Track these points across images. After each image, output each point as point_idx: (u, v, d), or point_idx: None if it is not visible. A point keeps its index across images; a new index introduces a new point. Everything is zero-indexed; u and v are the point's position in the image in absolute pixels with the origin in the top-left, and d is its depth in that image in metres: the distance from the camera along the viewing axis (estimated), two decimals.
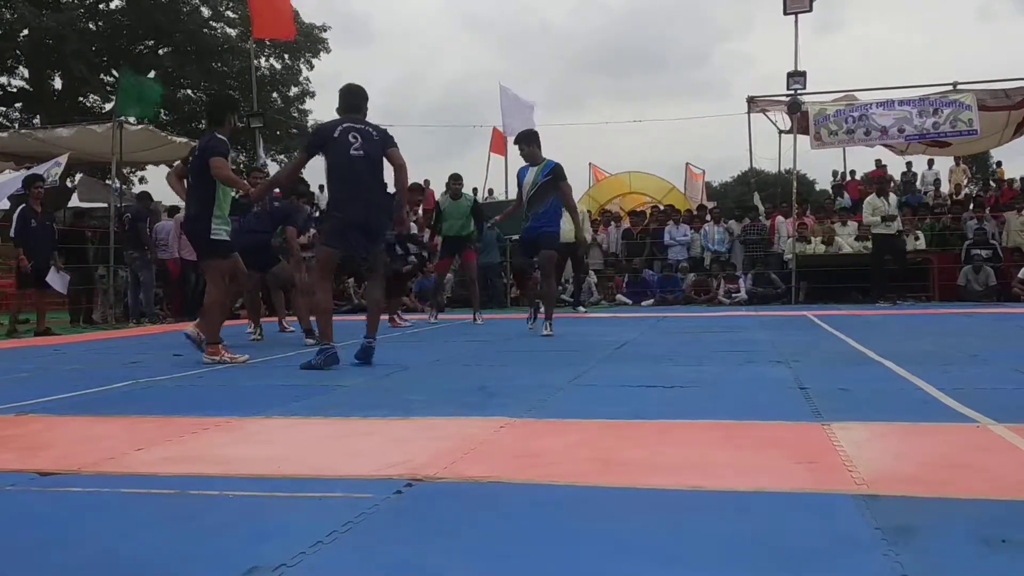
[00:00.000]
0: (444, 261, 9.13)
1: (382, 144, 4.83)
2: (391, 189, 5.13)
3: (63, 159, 11.56)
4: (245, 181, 5.39)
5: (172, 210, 11.86)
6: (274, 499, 1.98)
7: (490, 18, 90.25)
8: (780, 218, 13.16)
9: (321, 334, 4.75)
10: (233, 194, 5.39)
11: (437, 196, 18.61)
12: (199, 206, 5.13)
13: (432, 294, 9.93)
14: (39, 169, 11.56)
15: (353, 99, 4.96)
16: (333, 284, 5.15)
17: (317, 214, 9.66)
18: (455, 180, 9.01)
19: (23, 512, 1.95)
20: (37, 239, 8.73)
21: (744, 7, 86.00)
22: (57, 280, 9.05)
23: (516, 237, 13.45)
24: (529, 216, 6.85)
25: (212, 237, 5.09)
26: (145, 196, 11.44)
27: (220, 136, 5.16)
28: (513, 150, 7.39)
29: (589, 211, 15.14)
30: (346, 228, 4.79)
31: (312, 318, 7.22)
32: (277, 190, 6.74)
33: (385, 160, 4.85)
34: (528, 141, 6.95)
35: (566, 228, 11.02)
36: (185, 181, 5.39)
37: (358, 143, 4.71)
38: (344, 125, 4.78)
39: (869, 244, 12.17)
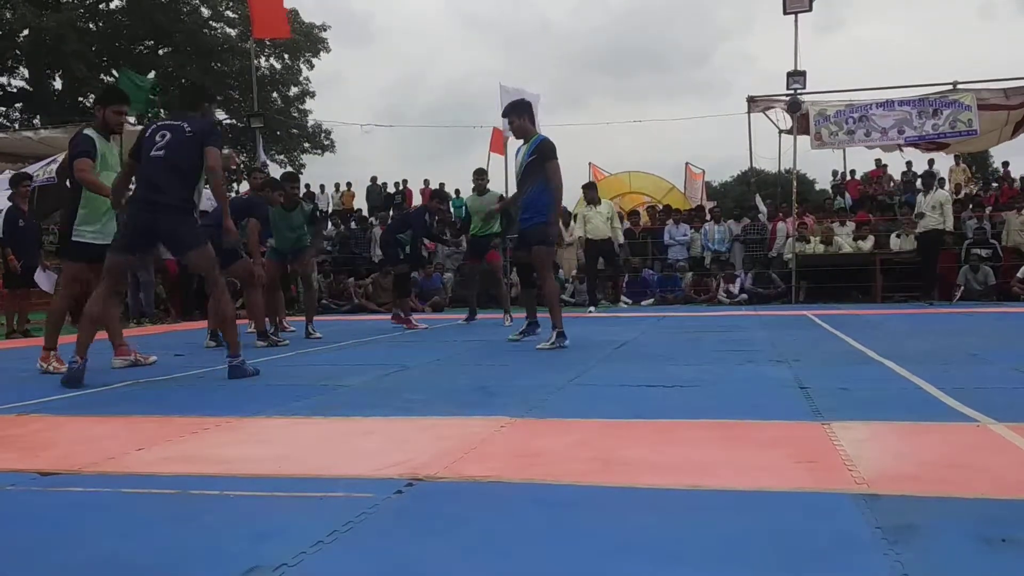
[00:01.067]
0: (472, 263, 9.02)
1: (196, 142, 4.30)
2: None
3: (60, 156, 11.54)
4: (103, 184, 4.74)
5: None
6: (275, 499, 1.98)
7: (490, 17, 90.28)
8: (781, 224, 13.17)
9: (78, 344, 4.22)
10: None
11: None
12: (70, 205, 4.90)
13: (469, 296, 9.73)
14: (32, 168, 11.55)
15: (185, 96, 4.74)
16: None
17: (319, 214, 9.56)
18: (479, 176, 8.66)
19: (23, 512, 1.95)
20: (25, 239, 8.66)
21: (745, 6, 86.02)
22: (44, 279, 9.00)
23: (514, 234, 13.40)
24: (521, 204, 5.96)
25: (73, 239, 4.82)
26: None
27: (87, 133, 4.86)
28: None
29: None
30: (130, 234, 4.35)
31: (269, 318, 7.20)
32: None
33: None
34: (517, 112, 5.84)
35: (599, 224, 10.92)
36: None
37: (163, 142, 4.31)
38: (158, 123, 4.47)
39: (865, 244, 12.22)
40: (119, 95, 5.23)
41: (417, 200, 19.23)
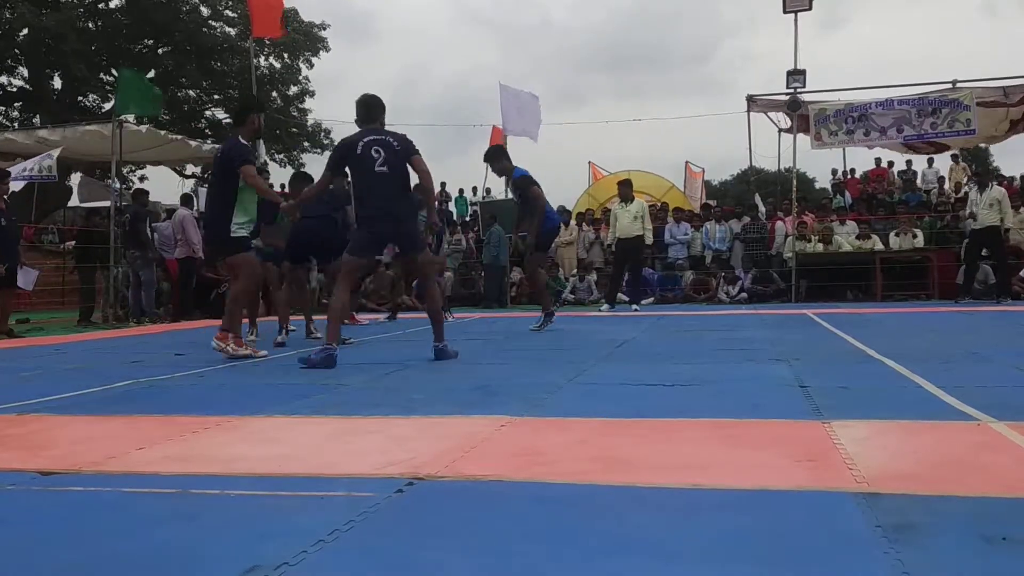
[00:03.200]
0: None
1: (404, 153, 4.82)
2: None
3: (55, 152, 11.47)
4: (272, 190, 5.46)
5: (171, 211, 11.83)
6: (276, 498, 1.98)
7: (491, 15, 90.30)
8: (779, 223, 13.16)
9: (328, 334, 4.79)
10: None
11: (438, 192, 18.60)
12: (219, 207, 5.28)
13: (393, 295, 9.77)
14: (29, 164, 11.50)
15: (369, 110, 4.96)
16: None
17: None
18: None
19: (23, 512, 1.95)
20: (3, 239, 8.24)
21: (746, 5, 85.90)
22: (21, 276, 8.83)
23: (513, 234, 13.47)
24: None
25: (232, 235, 5.24)
26: (140, 193, 11.38)
27: (243, 141, 5.29)
28: (512, 149, 7.40)
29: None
30: (375, 242, 5.12)
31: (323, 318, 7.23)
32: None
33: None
34: (495, 159, 7.19)
35: (626, 223, 10.85)
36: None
37: (381, 158, 4.72)
38: (366, 139, 4.79)
39: (869, 243, 12.22)
40: (262, 104, 6.08)
41: None
